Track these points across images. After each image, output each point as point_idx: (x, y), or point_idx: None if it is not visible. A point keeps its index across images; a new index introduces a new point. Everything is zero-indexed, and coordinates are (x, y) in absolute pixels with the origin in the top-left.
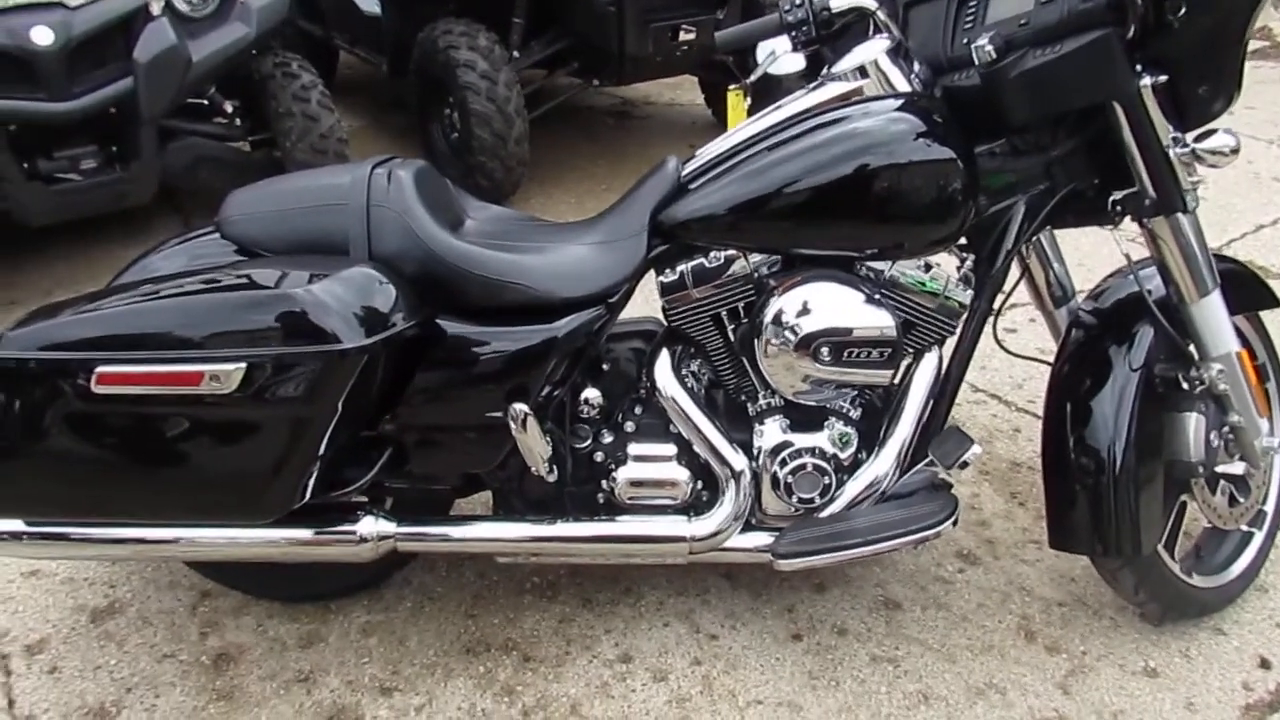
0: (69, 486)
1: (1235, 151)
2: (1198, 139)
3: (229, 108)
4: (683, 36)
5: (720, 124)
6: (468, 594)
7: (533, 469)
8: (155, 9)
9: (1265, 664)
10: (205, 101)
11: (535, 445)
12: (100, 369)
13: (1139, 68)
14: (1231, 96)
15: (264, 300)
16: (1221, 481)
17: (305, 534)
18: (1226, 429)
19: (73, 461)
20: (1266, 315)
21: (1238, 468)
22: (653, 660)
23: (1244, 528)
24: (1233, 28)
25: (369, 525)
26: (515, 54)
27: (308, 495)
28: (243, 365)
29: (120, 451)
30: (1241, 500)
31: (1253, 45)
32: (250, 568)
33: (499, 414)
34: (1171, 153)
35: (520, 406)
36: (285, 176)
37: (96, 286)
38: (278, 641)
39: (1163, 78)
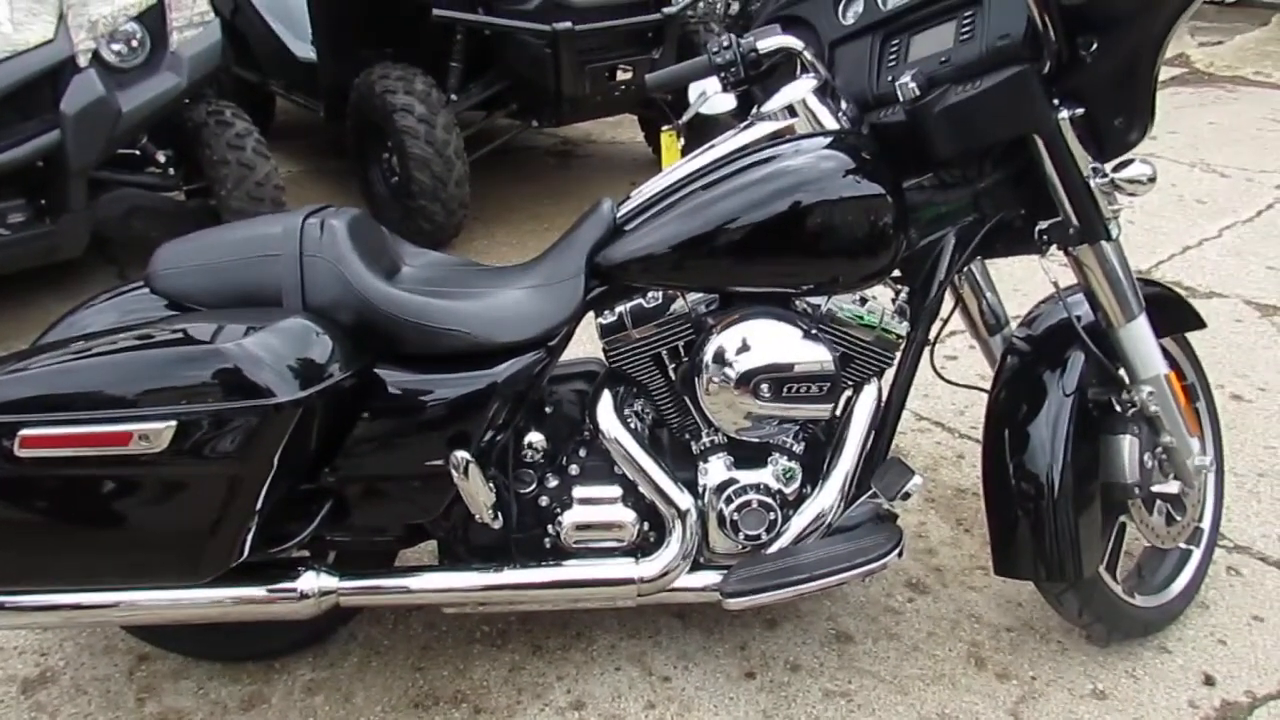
0: None
1: (1152, 180)
2: (1116, 169)
3: (162, 157)
4: (620, 76)
5: (660, 164)
6: (415, 646)
7: (477, 516)
8: (82, 61)
9: (1209, 680)
10: (137, 151)
11: (478, 492)
12: (23, 432)
13: (1057, 101)
14: (1146, 127)
15: (194, 356)
16: (1158, 501)
17: (244, 592)
18: (1160, 449)
19: (0, 528)
20: (1193, 335)
21: (1173, 487)
22: (606, 706)
23: (1182, 545)
24: (1142, 61)
25: (310, 581)
26: (453, 97)
27: (246, 552)
28: (173, 423)
29: (50, 515)
30: (1178, 519)
31: (1172, 72)
32: (189, 628)
33: (440, 462)
34: (1092, 183)
35: (462, 454)
36: (216, 229)
37: (27, 344)
38: (219, 704)
39: (1079, 110)
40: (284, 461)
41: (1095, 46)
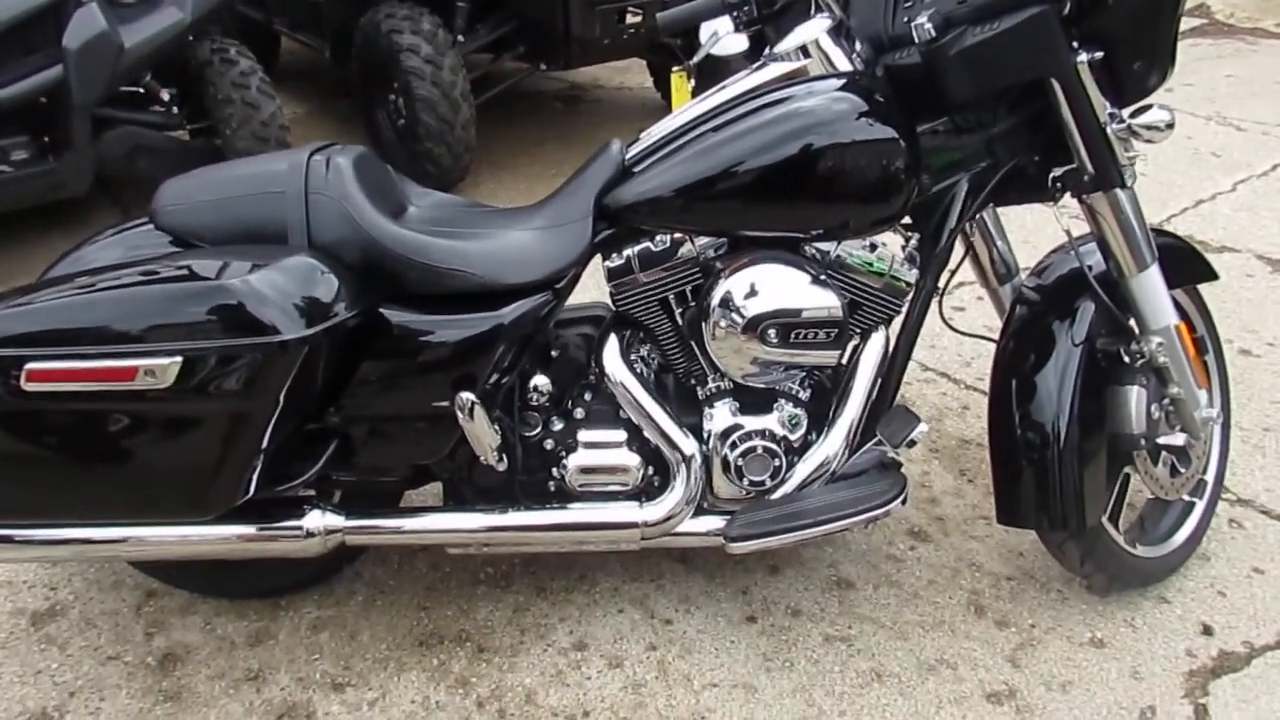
0: (5, 487)
1: (1170, 126)
2: (1134, 115)
3: (166, 95)
4: (629, 19)
5: (669, 106)
6: (420, 586)
7: (482, 458)
8: None
9: (1208, 630)
10: (141, 89)
11: (483, 434)
12: (30, 365)
13: (1076, 44)
14: (1166, 71)
15: (199, 292)
16: (1163, 453)
17: (251, 530)
18: (1167, 401)
19: (8, 462)
20: (1204, 289)
21: (1178, 439)
22: (608, 647)
23: (1185, 497)
24: (1166, 3)
25: (316, 519)
26: (460, 38)
27: (252, 490)
28: (179, 359)
29: (56, 450)
30: (1183, 471)
31: (1191, 23)
32: (196, 565)
33: (446, 403)
34: (1108, 129)
35: (467, 395)
36: (220, 165)
37: (32, 280)
38: (226, 640)
39: (1099, 54)
40: (289, 399)
41: None
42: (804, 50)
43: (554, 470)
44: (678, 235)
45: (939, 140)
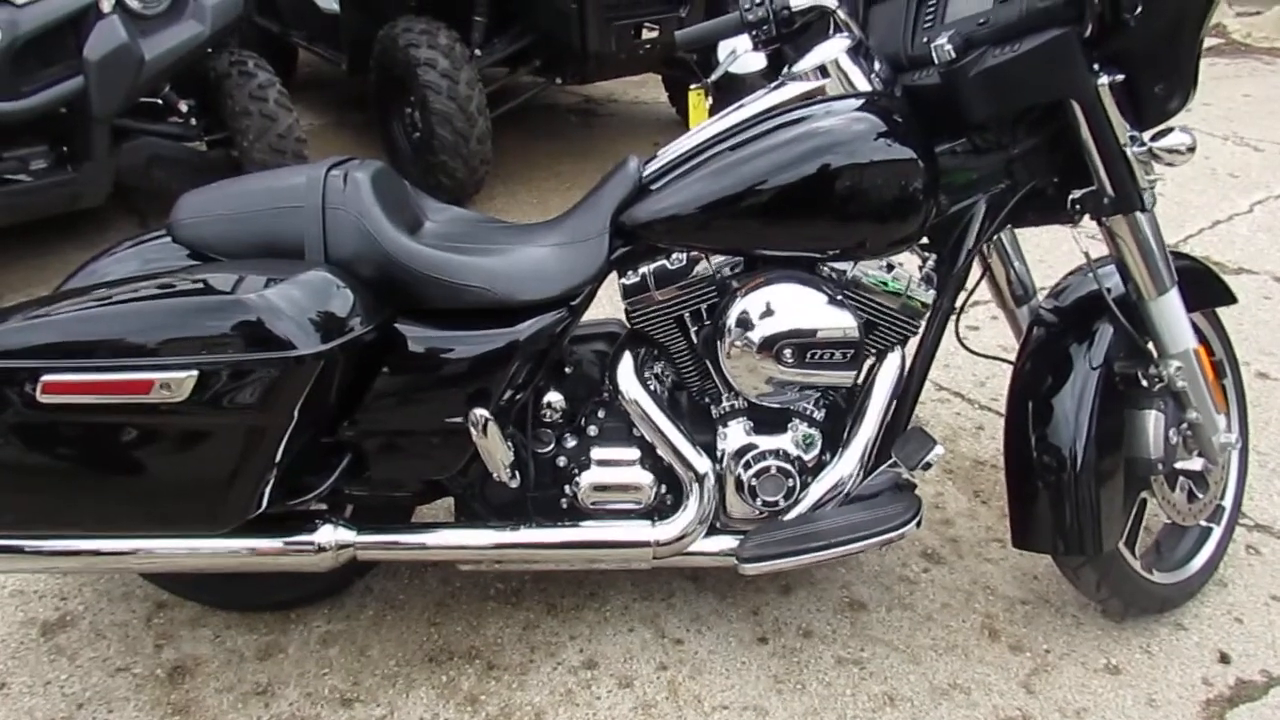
0: (18, 498)
1: (1191, 150)
2: (1155, 138)
3: (184, 107)
4: (645, 34)
5: (684, 122)
6: (430, 601)
7: (495, 474)
8: (106, 6)
9: (1225, 659)
10: (159, 101)
11: (497, 450)
12: (46, 378)
13: (1096, 66)
14: (1188, 95)
15: (215, 306)
16: (1180, 478)
17: (263, 543)
18: (1185, 425)
19: (22, 473)
20: (1223, 311)
21: (1196, 464)
22: (618, 666)
23: (1203, 523)
24: (1188, 26)
25: (328, 534)
26: (477, 52)
27: (265, 504)
28: (194, 373)
29: (71, 462)
30: (1200, 496)
31: (1208, 43)
32: (207, 578)
33: (460, 419)
34: (1129, 151)
35: (481, 411)
36: (238, 178)
37: (49, 291)
38: (235, 653)
39: (1120, 76)
40: (304, 414)
41: (1140, 9)
42: (822, 70)
43: (566, 487)
44: (694, 253)
45: (957, 161)
